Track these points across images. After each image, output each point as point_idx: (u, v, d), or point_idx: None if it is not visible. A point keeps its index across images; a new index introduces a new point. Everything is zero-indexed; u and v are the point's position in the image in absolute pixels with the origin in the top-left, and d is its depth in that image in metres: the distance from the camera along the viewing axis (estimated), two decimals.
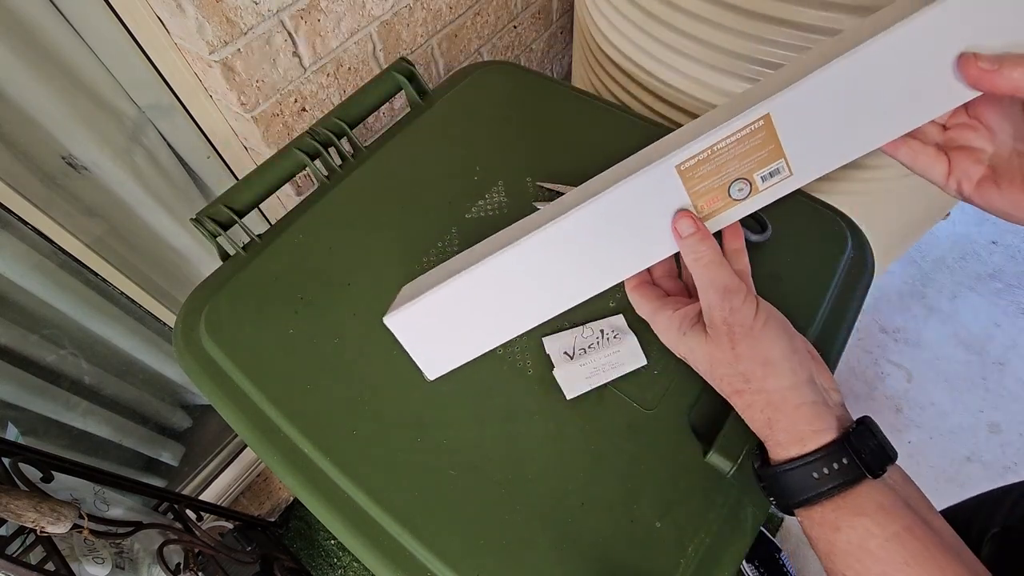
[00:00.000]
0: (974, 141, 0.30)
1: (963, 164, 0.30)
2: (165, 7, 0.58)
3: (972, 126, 0.30)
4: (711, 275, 0.31)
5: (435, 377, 0.37)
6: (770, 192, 0.31)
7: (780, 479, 0.31)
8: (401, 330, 0.36)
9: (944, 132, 0.31)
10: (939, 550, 0.27)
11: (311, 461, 0.45)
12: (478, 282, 0.34)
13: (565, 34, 1.17)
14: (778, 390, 0.30)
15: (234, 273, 0.56)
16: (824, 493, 0.29)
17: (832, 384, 0.35)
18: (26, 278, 0.73)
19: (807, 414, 0.30)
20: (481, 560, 0.40)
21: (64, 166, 0.69)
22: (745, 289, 0.31)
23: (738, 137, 0.29)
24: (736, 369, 0.31)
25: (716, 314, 0.31)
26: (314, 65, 0.71)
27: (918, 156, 0.31)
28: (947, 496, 0.54)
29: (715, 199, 0.31)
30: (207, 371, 0.50)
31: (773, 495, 0.32)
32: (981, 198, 0.30)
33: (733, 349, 0.31)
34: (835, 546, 0.29)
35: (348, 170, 0.63)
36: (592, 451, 0.44)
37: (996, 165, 0.29)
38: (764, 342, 0.31)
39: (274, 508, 1.19)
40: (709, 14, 0.63)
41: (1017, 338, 1.26)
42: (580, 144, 0.63)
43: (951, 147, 0.31)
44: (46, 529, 0.55)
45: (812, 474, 0.29)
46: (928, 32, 0.27)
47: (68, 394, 0.84)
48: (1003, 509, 0.47)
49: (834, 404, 0.32)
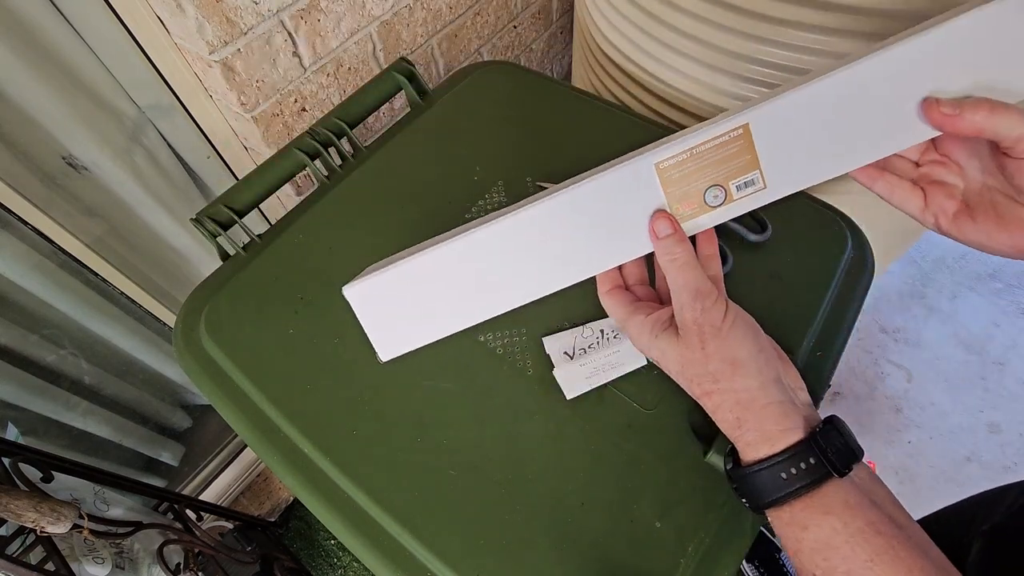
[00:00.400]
0: (946, 177, 0.32)
1: (938, 198, 0.31)
2: (165, 7, 0.58)
3: (943, 162, 0.32)
4: (685, 277, 0.31)
5: (388, 359, 0.36)
6: (744, 202, 0.32)
7: (750, 480, 0.31)
8: (359, 302, 0.34)
9: (917, 168, 0.33)
10: (903, 546, 0.27)
11: (311, 461, 0.45)
12: (445, 261, 0.33)
13: (565, 34, 1.17)
14: (746, 389, 0.31)
15: (234, 273, 0.56)
16: (792, 493, 0.30)
17: (799, 384, 0.35)
18: (26, 278, 0.73)
19: (774, 413, 0.31)
20: (481, 560, 0.40)
21: (64, 166, 0.69)
22: (716, 292, 0.32)
23: (717, 143, 0.30)
24: (706, 369, 0.32)
25: (687, 315, 0.32)
26: (314, 65, 0.71)
27: (894, 190, 0.33)
28: (947, 496, 0.54)
29: (690, 203, 0.32)
30: (207, 371, 0.50)
31: (745, 496, 0.33)
32: (958, 231, 0.31)
33: (703, 349, 0.31)
34: (803, 544, 0.29)
35: (348, 170, 0.63)
36: (592, 451, 0.44)
37: (969, 199, 0.31)
38: (732, 342, 0.31)
39: (274, 508, 1.19)
40: (709, 14, 0.63)
41: (1017, 338, 1.26)
42: (580, 144, 0.63)
43: (925, 182, 0.32)
44: (46, 529, 0.55)
45: (781, 474, 0.30)
46: (896, 67, 0.28)
47: (68, 394, 0.84)
48: (999, 508, 0.47)
49: (801, 403, 0.33)
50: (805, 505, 0.30)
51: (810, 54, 0.59)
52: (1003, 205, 0.30)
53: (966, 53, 0.28)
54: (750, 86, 0.65)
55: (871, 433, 1.19)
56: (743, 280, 0.52)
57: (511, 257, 0.33)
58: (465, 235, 0.33)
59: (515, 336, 0.50)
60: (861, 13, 0.54)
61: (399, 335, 0.35)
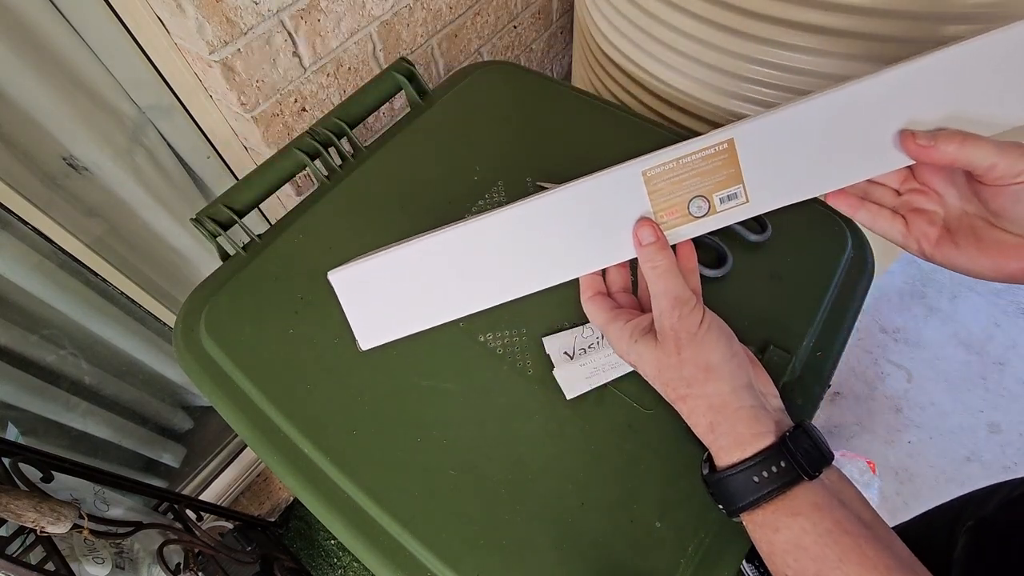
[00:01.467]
0: (925, 204, 0.33)
1: (919, 225, 0.33)
2: (165, 7, 0.58)
3: (922, 191, 0.33)
4: (665, 284, 0.32)
5: (368, 347, 0.36)
6: (726, 215, 0.33)
7: (724, 484, 0.32)
8: (343, 288, 0.35)
9: (898, 196, 0.34)
10: (870, 545, 0.28)
11: (311, 461, 0.45)
12: (430, 251, 0.34)
13: (565, 34, 1.17)
14: (718, 394, 0.32)
15: (234, 273, 0.56)
16: (764, 496, 0.30)
17: (772, 390, 0.36)
18: (26, 278, 0.73)
19: (746, 417, 0.32)
20: (481, 560, 0.40)
21: (64, 167, 0.69)
22: (695, 299, 0.33)
23: (703, 155, 0.31)
24: (681, 374, 0.32)
25: (666, 321, 0.32)
26: (314, 65, 0.71)
27: (876, 219, 0.34)
28: (947, 496, 0.54)
29: (674, 212, 0.33)
30: (207, 371, 0.50)
31: (720, 501, 0.33)
32: (943, 257, 0.32)
33: (679, 354, 0.32)
34: (775, 546, 0.30)
35: (348, 170, 0.63)
36: (592, 451, 0.44)
37: (949, 225, 0.32)
38: (706, 347, 0.32)
39: (274, 508, 1.19)
40: (709, 14, 0.63)
41: (1017, 338, 1.26)
42: (580, 144, 0.63)
43: (906, 210, 0.34)
44: (46, 529, 0.55)
45: (753, 478, 0.31)
46: (875, 95, 0.30)
47: (68, 395, 0.84)
48: (988, 505, 0.47)
49: (773, 408, 0.34)
50: (776, 508, 0.30)
51: (810, 54, 0.59)
52: (982, 230, 0.31)
53: (944, 86, 0.30)
54: (750, 86, 0.65)
55: (871, 433, 1.19)
56: (743, 280, 0.52)
57: (497, 253, 0.34)
58: (451, 228, 0.33)
59: (515, 336, 0.50)
60: (861, 13, 0.54)
61: (381, 324, 0.36)
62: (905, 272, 1.38)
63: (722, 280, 0.52)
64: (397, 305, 0.35)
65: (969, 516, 0.48)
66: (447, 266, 0.34)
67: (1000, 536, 0.44)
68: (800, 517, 0.29)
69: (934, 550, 0.48)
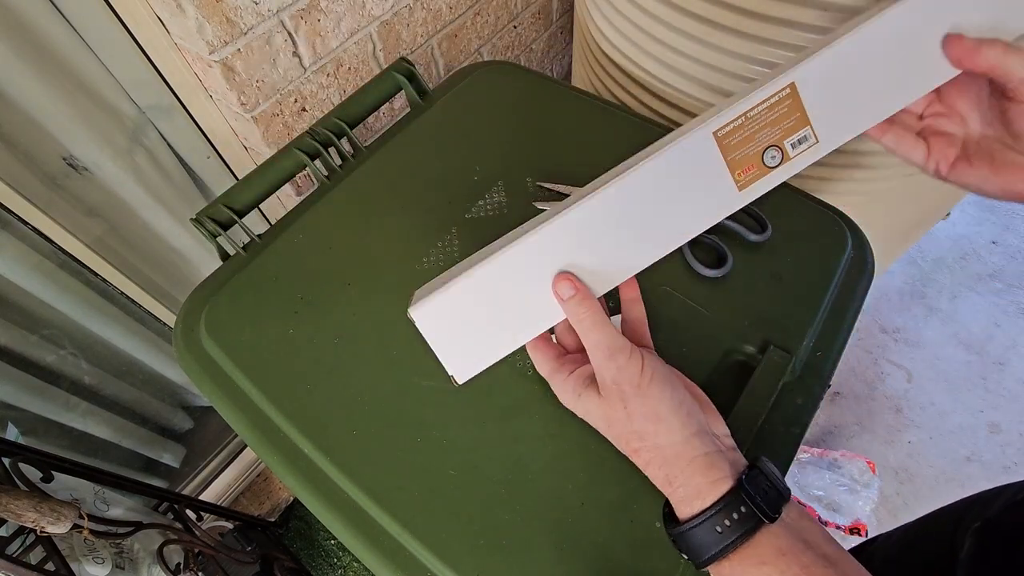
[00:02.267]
0: (947, 127, 0.34)
1: (940, 147, 0.34)
2: (165, 7, 0.58)
3: (946, 114, 0.34)
4: (596, 336, 0.31)
5: (465, 380, 0.34)
6: (800, 159, 0.32)
7: (687, 538, 0.31)
8: (428, 323, 0.32)
9: (921, 120, 0.35)
10: None
11: (311, 461, 0.45)
12: (511, 265, 0.32)
13: (565, 34, 1.17)
14: (671, 445, 0.31)
15: (234, 273, 0.56)
16: (729, 546, 0.29)
17: (723, 430, 0.35)
18: (26, 278, 0.73)
19: (701, 466, 0.31)
20: (481, 560, 0.40)
21: (65, 167, 0.69)
22: (629, 347, 0.32)
23: (768, 104, 0.31)
24: (631, 428, 0.32)
25: (606, 373, 0.32)
26: (314, 65, 0.71)
27: (900, 141, 0.35)
28: (947, 496, 0.54)
29: (751, 166, 0.32)
30: (207, 371, 0.50)
31: (686, 553, 0.32)
32: (955, 176, 0.34)
33: (625, 408, 0.31)
34: None
35: (348, 170, 0.63)
36: (592, 451, 0.44)
37: (968, 147, 0.34)
38: (651, 398, 0.31)
39: (274, 508, 1.19)
40: (709, 14, 0.63)
41: (1017, 338, 1.26)
42: (580, 144, 0.63)
43: (928, 133, 0.35)
44: (46, 529, 0.55)
45: (716, 528, 0.30)
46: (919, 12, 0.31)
47: (68, 395, 0.84)
48: (993, 507, 0.47)
49: (726, 448, 0.33)
50: (742, 557, 0.30)
51: None
52: (999, 152, 0.32)
53: None
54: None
55: (871, 433, 1.19)
56: (743, 280, 0.52)
57: (578, 251, 0.32)
58: (523, 240, 0.31)
59: None
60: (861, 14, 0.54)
61: (473, 352, 0.34)
62: (905, 272, 1.38)
63: (722, 280, 0.52)
64: (486, 329, 0.33)
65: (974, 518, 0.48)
66: (528, 279, 0.32)
67: (1006, 538, 0.44)
68: (766, 567, 0.29)
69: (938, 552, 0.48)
